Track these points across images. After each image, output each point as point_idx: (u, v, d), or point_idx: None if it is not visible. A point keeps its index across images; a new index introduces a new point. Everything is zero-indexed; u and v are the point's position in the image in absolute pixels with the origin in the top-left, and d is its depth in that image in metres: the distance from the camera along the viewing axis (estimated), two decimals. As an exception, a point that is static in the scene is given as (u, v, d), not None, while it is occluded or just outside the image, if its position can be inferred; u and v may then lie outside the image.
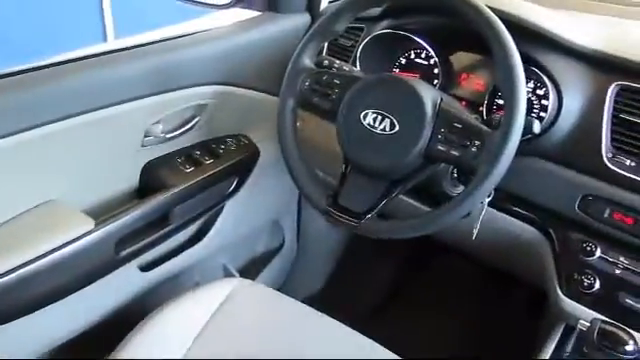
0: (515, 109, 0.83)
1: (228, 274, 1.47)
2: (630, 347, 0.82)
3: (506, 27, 0.87)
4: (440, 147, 0.87)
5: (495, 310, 1.62)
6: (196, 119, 1.21)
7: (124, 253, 1.10)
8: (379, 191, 0.93)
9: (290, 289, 1.69)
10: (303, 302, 1.11)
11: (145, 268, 1.23)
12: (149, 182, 1.16)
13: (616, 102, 0.97)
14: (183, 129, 1.20)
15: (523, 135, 0.93)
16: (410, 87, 0.90)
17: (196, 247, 1.31)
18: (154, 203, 1.11)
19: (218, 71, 1.19)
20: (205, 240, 1.33)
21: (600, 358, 0.85)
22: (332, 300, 1.67)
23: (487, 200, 1.00)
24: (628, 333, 0.84)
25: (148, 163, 1.17)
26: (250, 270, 1.56)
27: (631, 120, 0.96)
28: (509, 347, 1.35)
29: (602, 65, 1.00)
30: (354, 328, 1.04)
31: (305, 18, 1.30)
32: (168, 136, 1.17)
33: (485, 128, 0.86)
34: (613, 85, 0.98)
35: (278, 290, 1.18)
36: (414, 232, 0.90)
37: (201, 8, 1.33)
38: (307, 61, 0.99)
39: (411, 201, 1.09)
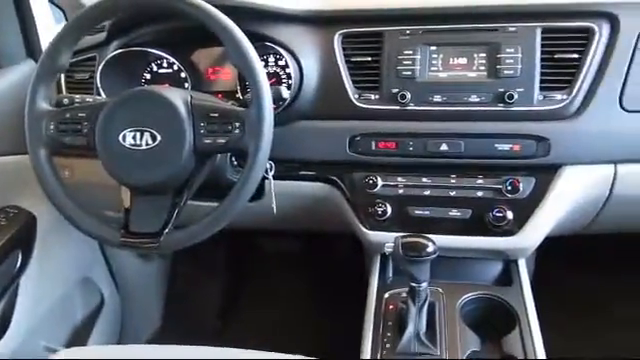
0: (258, 83, 0.88)
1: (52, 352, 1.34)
2: (430, 248, 0.92)
3: (227, 13, 0.91)
4: (206, 141, 0.89)
5: (328, 270, 1.70)
6: (-53, 208, 1.08)
7: None
8: (167, 204, 0.93)
9: (129, 339, 1.60)
10: None
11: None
12: None
13: (344, 49, 1.07)
14: None
15: (277, 103, 0.99)
16: (156, 95, 0.90)
17: (4, 339, 1.18)
18: None
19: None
20: (12, 328, 1.20)
21: (411, 267, 0.94)
22: (176, 331, 1.62)
23: (271, 174, 1.05)
24: (425, 238, 0.94)
25: None
26: (77, 339, 1.44)
27: (361, 60, 1.07)
28: (350, 298, 1.43)
29: (321, 21, 1.09)
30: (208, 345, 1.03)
31: (29, 65, 1.22)
32: None
33: (239, 109, 0.89)
34: (337, 35, 1.08)
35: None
36: (212, 229, 0.91)
37: None
38: (43, 105, 0.94)
39: (205, 203, 1.09)
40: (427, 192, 1.07)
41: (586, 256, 1.58)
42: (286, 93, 1.00)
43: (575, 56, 0.99)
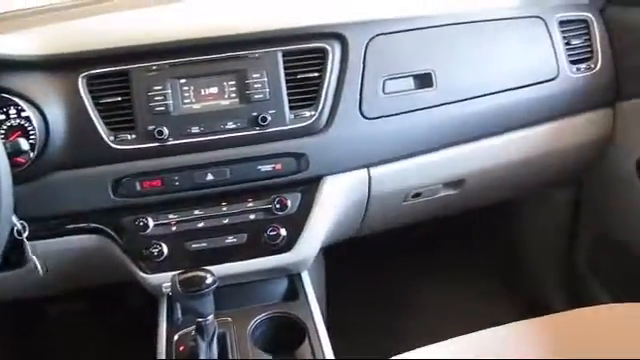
0: None
1: None
2: (209, 280, 0.91)
3: None
4: None
5: (122, 323, 1.60)
6: None
7: None
8: None
9: None
10: None
11: None
12: None
13: (91, 91, 1.02)
14: None
15: (16, 156, 0.91)
16: None
17: None
18: None
19: None
20: None
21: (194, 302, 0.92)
22: None
23: (25, 235, 0.96)
24: (203, 270, 0.93)
25: None
26: None
27: (111, 101, 1.03)
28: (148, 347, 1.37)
29: (61, 65, 1.02)
30: None
31: None
32: None
33: None
34: (80, 78, 1.02)
35: None
36: None
37: None
38: None
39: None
40: (201, 224, 1.06)
41: (377, 253, 1.71)
42: (25, 145, 0.92)
43: (315, 75, 1.07)
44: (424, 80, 1.12)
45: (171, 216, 1.06)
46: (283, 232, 1.06)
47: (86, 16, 1.13)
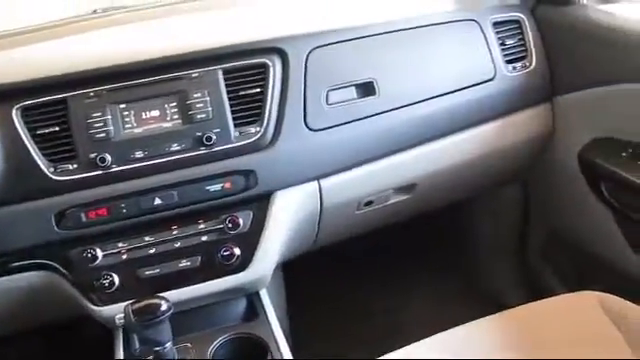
0: None
1: None
2: (164, 307, 0.89)
3: None
4: None
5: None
6: None
7: None
8: None
9: None
10: None
11: None
12: None
13: (27, 122, 0.99)
14: None
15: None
16: None
17: None
18: None
19: None
20: None
21: (150, 331, 0.89)
22: None
23: None
24: (156, 297, 0.90)
25: None
26: None
27: (49, 131, 0.99)
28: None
29: None
30: None
31: None
32: None
33: None
34: (14, 110, 0.98)
35: None
36: None
37: None
38: None
39: None
40: (152, 250, 1.03)
41: (335, 263, 1.70)
42: None
43: (258, 90, 1.06)
44: (367, 88, 1.12)
45: (120, 244, 1.03)
46: (237, 251, 1.04)
47: (18, 45, 1.09)
